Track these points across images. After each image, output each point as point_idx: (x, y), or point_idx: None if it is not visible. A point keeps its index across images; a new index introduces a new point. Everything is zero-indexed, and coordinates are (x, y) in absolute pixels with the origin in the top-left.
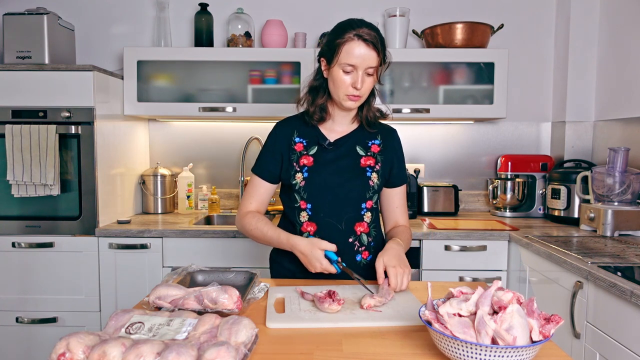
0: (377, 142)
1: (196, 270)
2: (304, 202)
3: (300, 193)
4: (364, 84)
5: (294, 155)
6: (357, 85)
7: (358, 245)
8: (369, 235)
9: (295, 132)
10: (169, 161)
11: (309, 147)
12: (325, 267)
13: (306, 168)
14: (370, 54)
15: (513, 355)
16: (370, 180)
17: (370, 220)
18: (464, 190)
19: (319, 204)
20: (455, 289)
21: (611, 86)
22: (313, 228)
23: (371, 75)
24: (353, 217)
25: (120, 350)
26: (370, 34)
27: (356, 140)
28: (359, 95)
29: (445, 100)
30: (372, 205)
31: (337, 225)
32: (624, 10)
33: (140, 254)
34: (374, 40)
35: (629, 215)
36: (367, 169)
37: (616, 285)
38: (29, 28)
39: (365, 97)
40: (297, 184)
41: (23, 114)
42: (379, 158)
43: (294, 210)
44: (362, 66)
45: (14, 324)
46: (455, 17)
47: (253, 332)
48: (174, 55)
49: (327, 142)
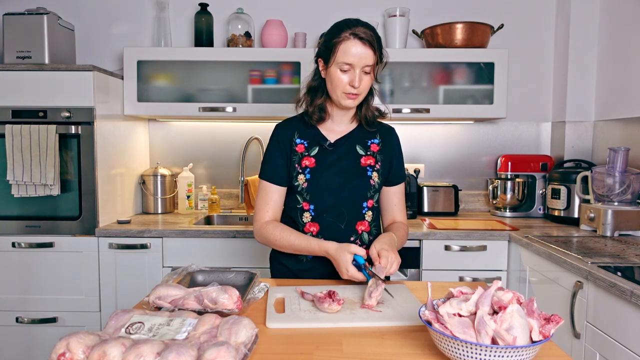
0: (377, 141)
1: (196, 270)
2: (306, 204)
3: (302, 194)
4: (362, 82)
5: (296, 156)
6: (354, 83)
7: (359, 244)
8: (370, 234)
9: (296, 133)
10: (169, 161)
11: (310, 148)
12: (352, 274)
13: (308, 169)
14: (366, 52)
15: (513, 355)
16: (371, 179)
17: (371, 219)
18: (464, 190)
19: (321, 204)
20: (455, 289)
21: (611, 86)
22: (316, 228)
23: (368, 73)
24: (355, 216)
25: (120, 350)
26: (367, 32)
27: (356, 140)
28: (356, 94)
29: (445, 100)
30: (373, 204)
31: (339, 225)
32: (624, 10)
33: (140, 254)
34: (370, 38)
35: (629, 215)
36: (367, 169)
37: (616, 285)
38: (29, 28)
39: (363, 96)
40: (300, 185)
41: (23, 114)
42: (378, 157)
43: (296, 211)
44: (359, 64)
45: (14, 324)
46: (455, 17)
47: (253, 332)
48: (174, 55)
49: (327, 142)
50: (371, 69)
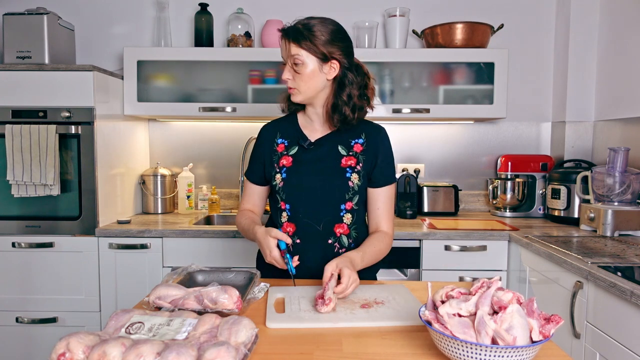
0: (361, 141)
1: (196, 270)
2: (283, 203)
3: (280, 194)
4: (295, 76)
5: (275, 156)
6: (283, 76)
7: (338, 247)
8: (349, 237)
9: (278, 133)
10: (169, 161)
11: (289, 147)
12: (275, 256)
13: (285, 169)
14: (285, 45)
15: (513, 355)
16: (350, 181)
17: (350, 222)
18: (464, 190)
19: (297, 204)
20: (448, 288)
21: (611, 86)
22: (292, 229)
23: (298, 65)
24: (332, 218)
25: (120, 350)
26: (295, 27)
27: (338, 140)
28: (291, 87)
29: (445, 100)
30: (353, 207)
31: (315, 226)
32: (624, 10)
33: (140, 254)
34: (293, 31)
35: (629, 215)
36: (347, 170)
37: (616, 285)
38: (29, 28)
39: (304, 91)
40: (277, 184)
41: (23, 114)
42: (360, 157)
43: (276, 211)
44: (286, 57)
45: (14, 324)
46: (455, 17)
47: (253, 332)
48: (174, 55)
49: (307, 142)
50: (302, 61)
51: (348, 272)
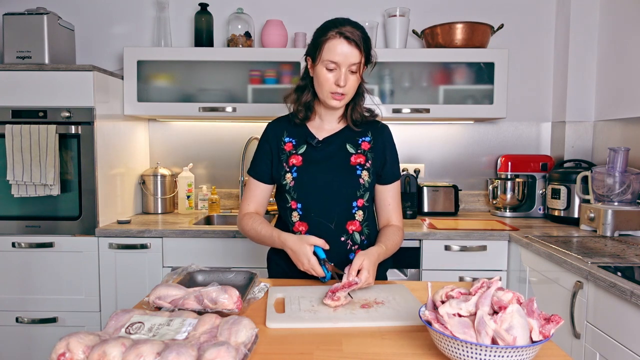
0: (368, 139)
1: (196, 270)
2: (294, 202)
3: (290, 193)
4: (348, 82)
5: (284, 155)
6: (339, 82)
7: (351, 244)
8: (362, 234)
9: (285, 131)
10: (169, 161)
11: (297, 146)
12: (312, 265)
13: (295, 168)
14: (352, 52)
15: (513, 355)
16: (361, 178)
17: (362, 219)
18: (464, 190)
19: (309, 203)
20: (448, 288)
21: (611, 86)
22: (304, 228)
23: (354, 73)
24: (344, 215)
25: (120, 350)
26: (354, 32)
27: (346, 138)
28: (343, 94)
29: (445, 100)
30: (364, 204)
31: (328, 224)
32: (624, 10)
33: (140, 254)
34: (356, 38)
35: (629, 215)
36: (357, 167)
37: (616, 285)
38: (29, 28)
39: (350, 96)
40: (287, 184)
41: (23, 114)
42: (369, 155)
43: (286, 210)
44: (344, 63)
45: (14, 324)
46: (455, 17)
47: (253, 332)
48: (174, 55)
49: (315, 140)
50: (357, 68)
51: (366, 275)
